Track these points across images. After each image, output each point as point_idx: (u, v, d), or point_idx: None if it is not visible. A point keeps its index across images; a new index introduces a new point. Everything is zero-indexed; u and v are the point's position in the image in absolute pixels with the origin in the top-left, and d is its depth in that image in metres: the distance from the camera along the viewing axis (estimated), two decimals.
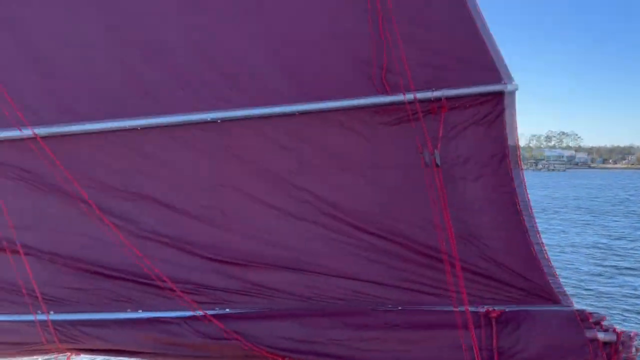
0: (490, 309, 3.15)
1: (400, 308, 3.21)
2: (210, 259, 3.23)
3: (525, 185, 3.22)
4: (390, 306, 3.21)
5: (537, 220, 3.21)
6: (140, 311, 3.17)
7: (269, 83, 3.23)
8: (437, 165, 3.14)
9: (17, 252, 3.03)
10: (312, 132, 3.28)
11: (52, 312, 3.06)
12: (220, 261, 3.23)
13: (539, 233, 3.22)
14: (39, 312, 3.04)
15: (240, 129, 3.23)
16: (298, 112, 3.24)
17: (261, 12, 3.27)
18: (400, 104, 3.17)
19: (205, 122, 3.18)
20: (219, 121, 3.20)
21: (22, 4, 3.17)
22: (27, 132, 3.06)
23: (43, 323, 3.05)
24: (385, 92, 3.21)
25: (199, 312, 3.12)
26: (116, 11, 3.19)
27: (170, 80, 3.19)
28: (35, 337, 3.08)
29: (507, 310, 3.15)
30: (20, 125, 3.07)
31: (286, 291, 3.26)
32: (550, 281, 3.19)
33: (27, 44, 3.17)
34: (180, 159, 3.22)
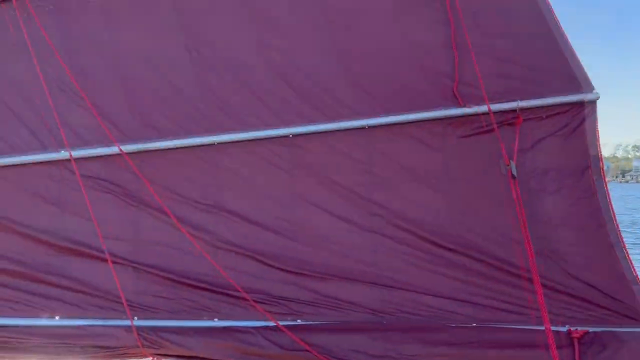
0: (573, 328, 3.00)
1: (475, 325, 3.13)
2: (284, 270, 3.29)
3: (609, 198, 3.06)
4: (465, 323, 3.14)
5: (626, 234, 3.03)
6: (217, 319, 3.28)
7: (341, 98, 3.29)
8: (513, 177, 3.05)
9: (106, 260, 3.23)
10: (383, 145, 3.30)
11: (136, 318, 3.23)
12: (294, 273, 3.29)
13: (626, 248, 3.04)
14: (124, 317, 3.22)
15: (313, 143, 3.29)
16: (369, 125, 3.27)
17: (332, 28, 3.36)
18: (474, 115, 3.13)
19: (279, 137, 3.28)
20: (291, 136, 3.29)
21: (111, 29, 3.41)
22: (114, 149, 3.27)
23: (128, 328, 3.22)
24: (458, 104, 3.18)
25: (272, 323, 3.18)
26: (196, 33, 3.37)
27: (247, 98, 3.32)
28: (120, 341, 3.25)
29: (591, 330, 2.99)
30: (108, 142, 3.29)
31: (359, 304, 3.26)
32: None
33: (115, 66, 3.40)
34: (256, 172, 3.32)
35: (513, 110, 3.12)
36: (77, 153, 3.26)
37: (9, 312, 3.29)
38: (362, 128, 3.29)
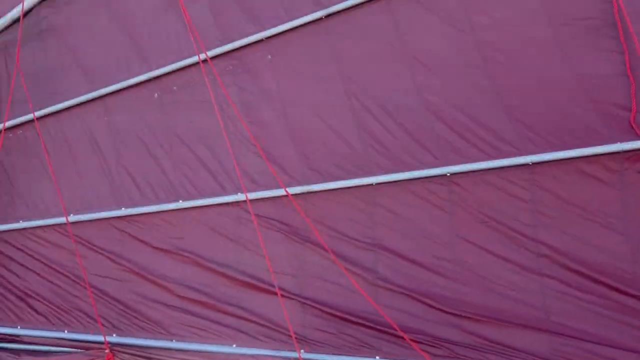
0: None
1: None
2: (444, 311, 3.26)
3: None
4: None
5: None
6: (378, 357, 3.33)
7: (500, 134, 3.24)
8: None
9: (276, 293, 3.50)
10: (549, 182, 3.15)
11: (302, 351, 3.42)
12: (454, 314, 3.23)
13: None
14: (292, 349, 3.43)
15: (473, 181, 3.26)
16: (533, 162, 3.15)
17: (487, 63, 3.33)
18: None
19: (437, 176, 3.31)
20: (449, 174, 3.30)
21: (279, 81, 3.78)
22: (282, 191, 3.58)
23: None
24: (636, 136, 2.93)
25: None
26: (353, 79, 3.59)
27: (404, 138, 3.42)
28: None
29: None
30: (278, 185, 3.61)
31: (525, 351, 3.08)
32: None
33: (284, 115, 3.74)
34: (414, 211, 3.38)
35: None
36: (251, 195, 3.62)
37: (193, 337, 3.71)
38: (525, 165, 3.18)
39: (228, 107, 3.78)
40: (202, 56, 3.74)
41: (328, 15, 3.61)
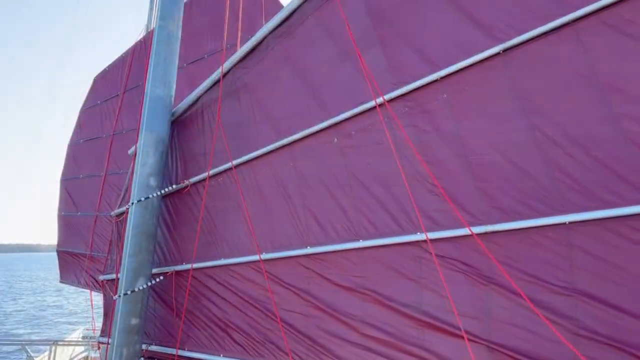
0: None
1: None
2: None
3: None
4: None
5: None
6: None
7: None
8: None
9: (459, 336, 3.40)
10: None
11: None
12: None
13: None
14: None
15: None
16: None
17: None
18: None
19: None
20: None
21: (455, 120, 3.76)
22: (465, 231, 3.50)
23: None
24: None
25: None
26: (539, 113, 3.40)
27: (600, 172, 3.13)
28: None
29: None
30: (458, 224, 3.54)
31: None
32: None
33: (462, 154, 3.69)
34: (617, 253, 3.04)
35: None
36: (432, 235, 3.61)
37: None
38: None
39: (404, 148, 3.86)
40: (379, 100, 3.90)
41: (505, 50, 3.52)
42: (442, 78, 3.78)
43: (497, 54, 3.55)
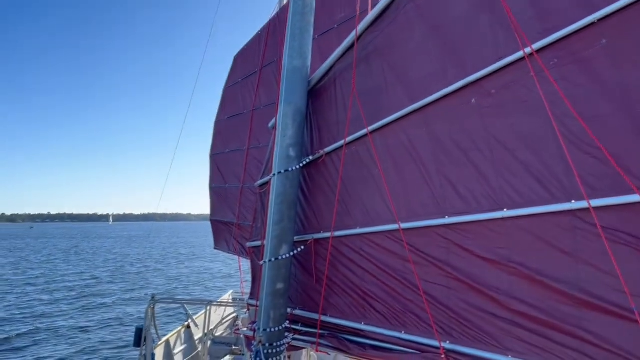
0: None
1: None
2: None
3: None
4: None
5: None
6: None
7: None
8: None
9: (631, 319, 2.96)
10: None
11: None
12: None
13: None
14: None
15: None
16: None
17: None
18: None
19: None
20: None
21: (617, 69, 3.20)
22: (632, 198, 3.00)
23: None
24: None
25: None
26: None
27: None
28: None
29: None
30: (623, 190, 3.05)
31: None
32: None
33: (627, 107, 3.13)
34: None
35: None
36: (594, 203, 3.17)
37: (533, 355, 3.44)
38: None
39: (554, 105, 3.41)
40: (527, 51, 3.47)
41: None
42: (601, 20, 3.23)
43: None
